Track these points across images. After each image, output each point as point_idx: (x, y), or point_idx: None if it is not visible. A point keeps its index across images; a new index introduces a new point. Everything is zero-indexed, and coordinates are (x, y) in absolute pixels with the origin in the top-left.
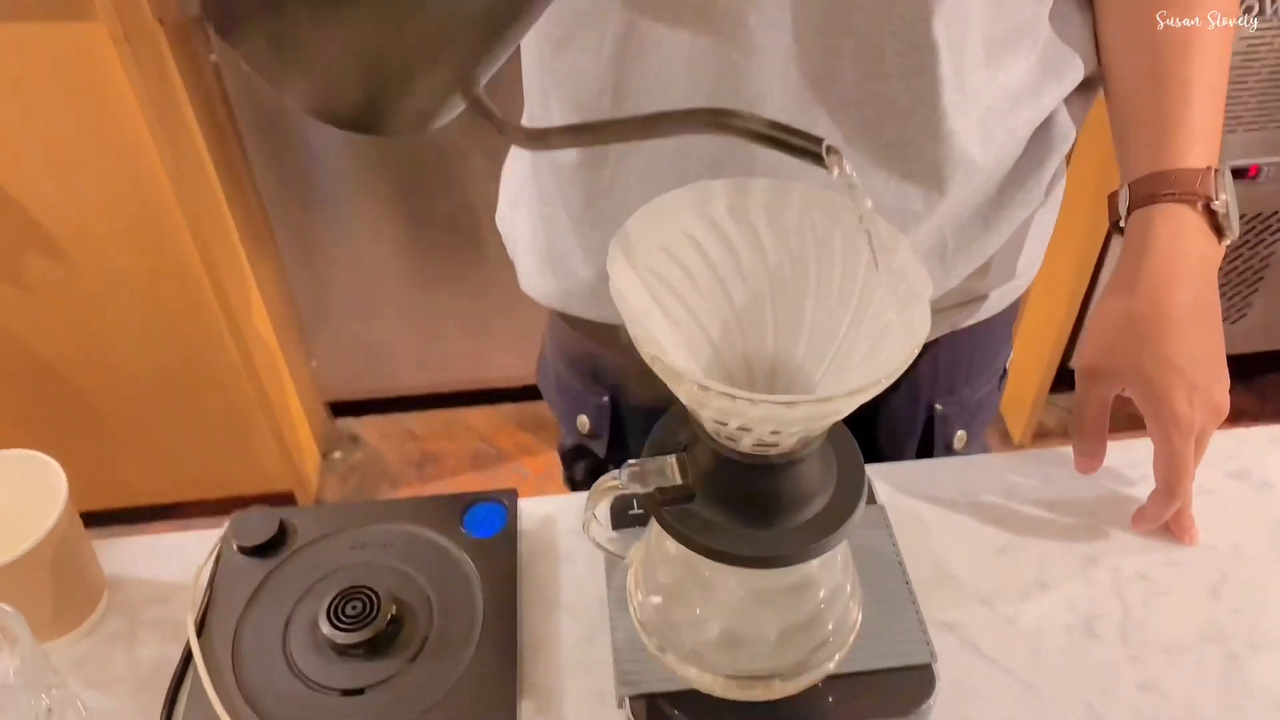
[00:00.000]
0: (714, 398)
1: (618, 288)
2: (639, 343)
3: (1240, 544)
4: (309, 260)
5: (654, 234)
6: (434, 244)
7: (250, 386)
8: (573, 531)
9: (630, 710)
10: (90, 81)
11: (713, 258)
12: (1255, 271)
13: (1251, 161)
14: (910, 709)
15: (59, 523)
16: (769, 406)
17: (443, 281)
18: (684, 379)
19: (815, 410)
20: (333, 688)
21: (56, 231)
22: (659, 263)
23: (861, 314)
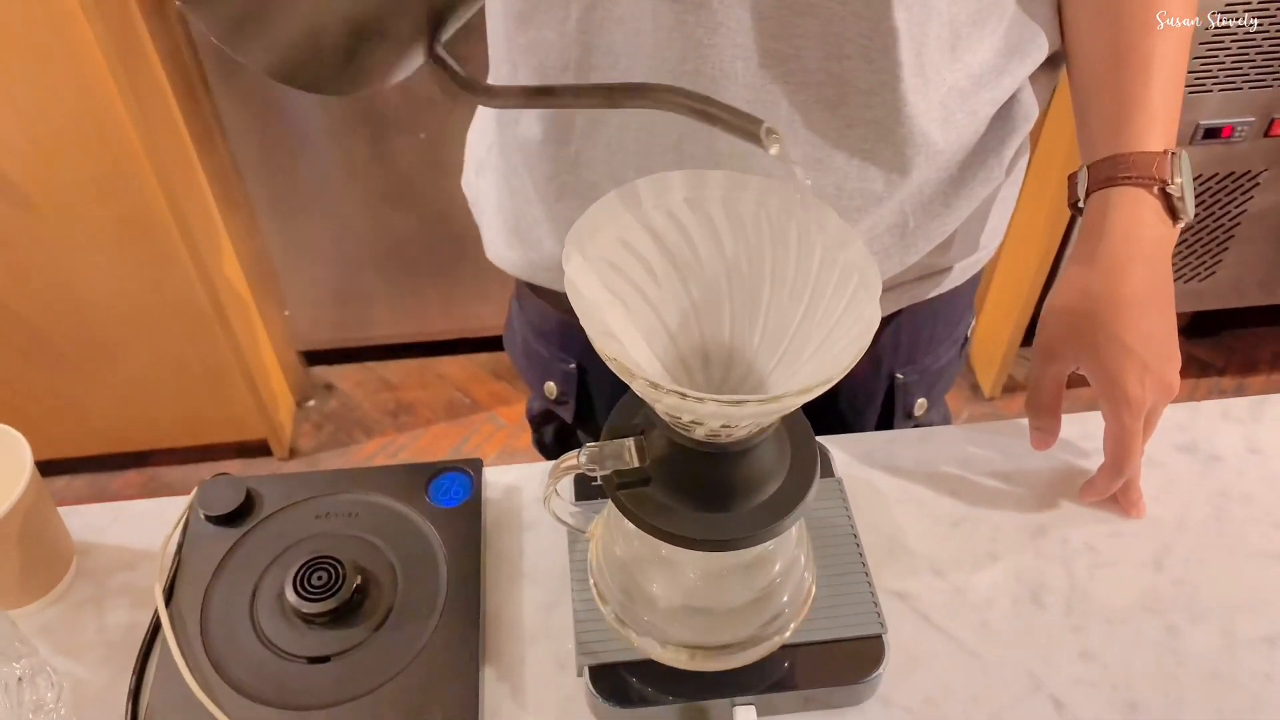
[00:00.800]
0: (665, 395)
1: (572, 282)
2: (594, 340)
3: (1185, 516)
4: (280, 210)
5: (611, 226)
6: (406, 193)
7: (222, 335)
8: (537, 500)
9: (590, 679)
10: (53, 31)
11: (670, 249)
12: (1226, 230)
13: (1225, 122)
14: (860, 678)
15: (24, 494)
16: (718, 405)
17: (416, 231)
18: (635, 377)
19: (763, 409)
20: (299, 655)
21: (23, 181)
22: (617, 255)
23: (815, 306)
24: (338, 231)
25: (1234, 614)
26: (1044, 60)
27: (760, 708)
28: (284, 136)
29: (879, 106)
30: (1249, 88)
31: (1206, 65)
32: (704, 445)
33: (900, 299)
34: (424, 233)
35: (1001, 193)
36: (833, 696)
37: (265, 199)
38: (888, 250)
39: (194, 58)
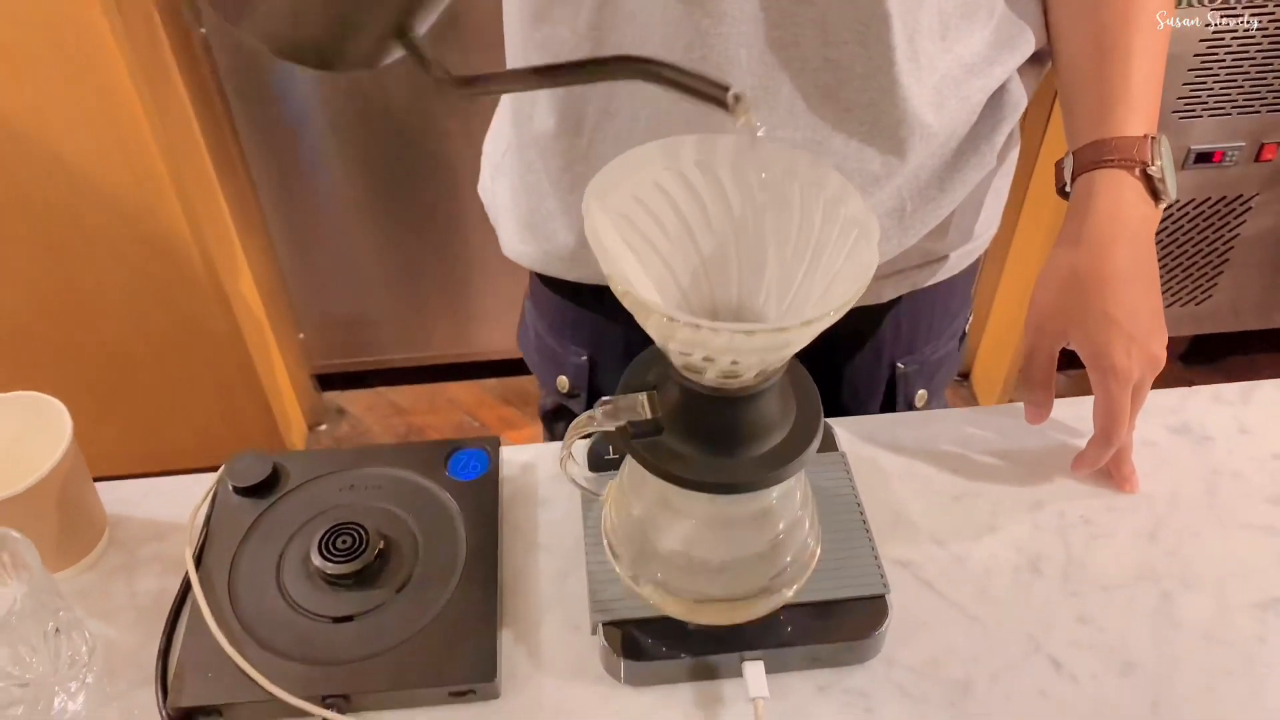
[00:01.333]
0: (680, 329)
1: (594, 229)
2: (612, 280)
3: (1178, 493)
4: (295, 234)
5: (626, 183)
6: (417, 221)
7: (237, 357)
8: (551, 478)
9: (604, 635)
10: (82, 52)
11: (681, 208)
12: (1220, 254)
13: (1216, 146)
14: (864, 634)
15: (64, 458)
16: (730, 335)
17: (426, 258)
18: (653, 311)
19: (772, 340)
20: (324, 615)
21: (48, 201)
22: (632, 210)
23: (818, 260)
24: (350, 256)
25: (1225, 582)
26: (1031, 55)
27: (768, 664)
28: (300, 163)
29: (874, 90)
30: (1237, 113)
31: (1195, 91)
32: (714, 392)
33: (901, 285)
34: (434, 259)
35: (994, 184)
36: (838, 654)
37: (281, 223)
38: (887, 233)
39: (217, 85)
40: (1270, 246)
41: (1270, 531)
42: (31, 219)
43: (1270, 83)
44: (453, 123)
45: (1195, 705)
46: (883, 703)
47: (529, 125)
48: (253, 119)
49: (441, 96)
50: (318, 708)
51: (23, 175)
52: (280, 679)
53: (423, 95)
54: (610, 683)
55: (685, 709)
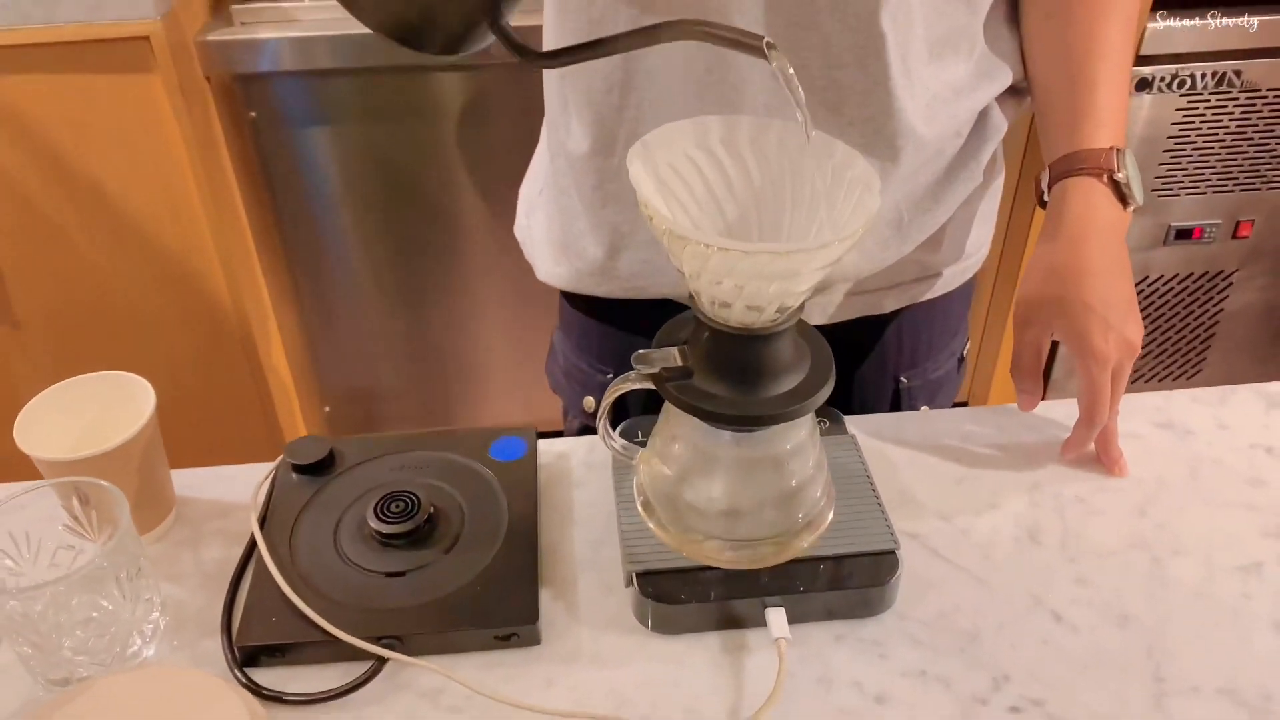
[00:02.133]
0: (714, 255)
1: (637, 176)
2: (654, 220)
3: (1164, 476)
4: (324, 309)
5: (663, 153)
6: (439, 300)
7: (267, 428)
8: (584, 464)
9: (636, 584)
10: (143, 128)
11: (709, 179)
12: (1207, 329)
13: (1195, 224)
14: (878, 583)
15: (147, 425)
16: (761, 256)
17: (446, 335)
18: (690, 240)
19: (795, 262)
20: (378, 571)
21: (98, 265)
22: (667, 176)
23: (829, 217)
24: (373, 332)
25: (1212, 550)
26: (1010, 88)
27: (789, 614)
28: (330, 241)
29: (873, 105)
30: (1212, 192)
31: (1171, 170)
32: (738, 330)
33: (900, 298)
34: (454, 336)
35: (981, 207)
36: (853, 604)
37: (311, 298)
38: (886, 241)
39: (261, 164)
40: (1254, 321)
41: (1251, 508)
42: (79, 285)
43: (1240, 163)
44: (476, 208)
45: (1187, 651)
46: (895, 649)
47: (564, 150)
48: (291, 196)
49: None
50: (373, 646)
51: (80, 240)
52: (338, 622)
53: (449, 180)
54: (643, 632)
55: (713, 654)
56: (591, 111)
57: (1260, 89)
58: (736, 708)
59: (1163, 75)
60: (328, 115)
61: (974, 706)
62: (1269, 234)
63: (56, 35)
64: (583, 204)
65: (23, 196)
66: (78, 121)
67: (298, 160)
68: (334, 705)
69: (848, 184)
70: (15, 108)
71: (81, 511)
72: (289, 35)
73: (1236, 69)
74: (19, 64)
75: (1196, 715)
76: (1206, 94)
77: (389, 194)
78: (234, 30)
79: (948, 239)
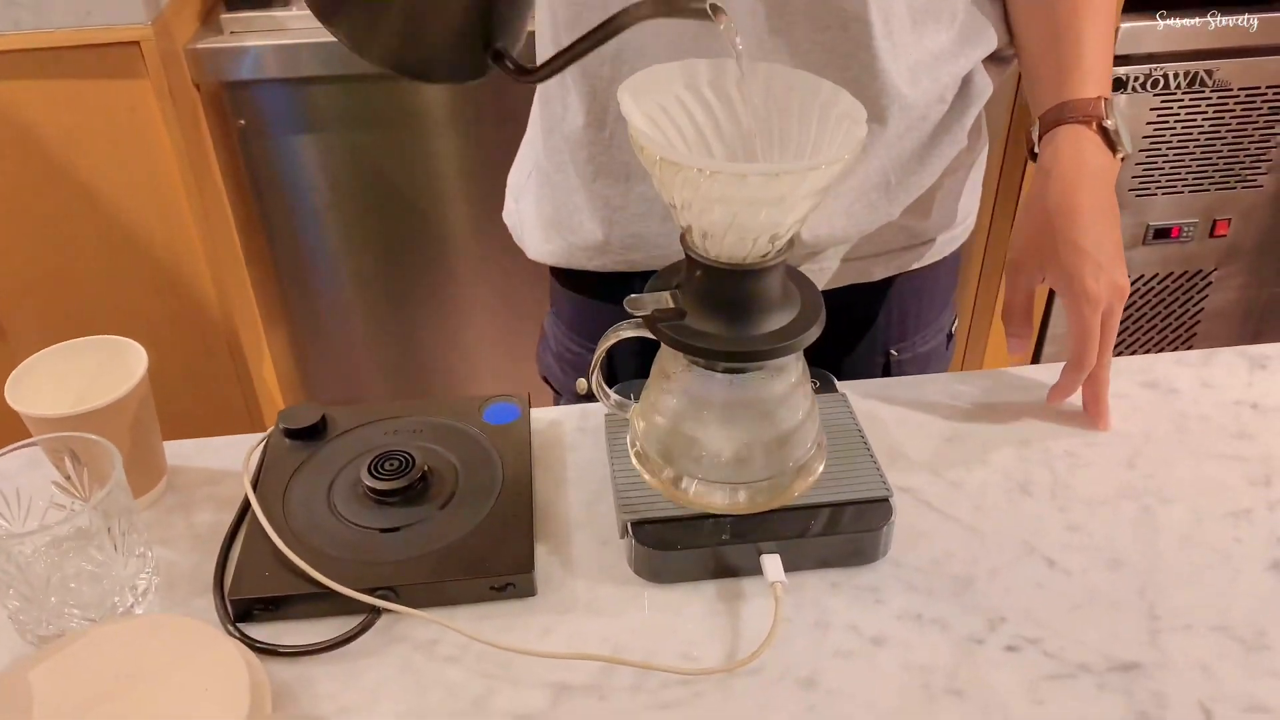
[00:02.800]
0: (706, 179)
1: (628, 109)
2: (646, 150)
3: (1151, 431)
4: (312, 320)
5: (653, 93)
6: (430, 307)
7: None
8: (578, 429)
9: (631, 533)
10: (135, 136)
11: (697, 120)
12: (1188, 328)
13: (1172, 223)
14: (872, 528)
15: (140, 384)
16: (752, 179)
17: (435, 346)
18: (683, 166)
19: (784, 186)
20: (372, 527)
21: (88, 275)
22: (658, 116)
23: (816, 153)
24: (362, 339)
25: (1200, 498)
26: (994, 50)
27: (784, 561)
28: (318, 250)
29: (856, 67)
30: (1189, 191)
31: (1148, 170)
32: (729, 266)
33: (889, 265)
34: (443, 346)
35: (971, 175)
36: (847, 551)
37: (300, 309)
38: (874, 204)
39: (249, 170)
40: (1234, 320)
41: (1237, 459)
42: (67, 295)
43: (1215, 162)
44: (463, 214)
45: (1180, 592)
46: (891, 595)
47: (560, 127)
48: (278, 205)
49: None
50: (367, 597)
51: (67, 246)
52: (332, 575)
53: (437, 186)
54: (639, 583)
55: (709, 602)
56: (586, 84)
57: (1232, 88)
58: (734, 651)
59: (1136, 75)
60: (315, 122)
61: (971, 646)
62: (1245, 233)
63: (48, 40)
64: (578, 178)
65: (11, 202)
66: (68, 127)
67: (286, 167)
68: (329, 657)
69: (835, 120)
70: (5, 112)
71: (74, 470)
72: (277, 43)
73: (1208, 69)
74: (9, 69)
75: (1191, 650)
76: (1180, 94)
77: (377, 201)
78: (223, 39)
79: (935, 205)
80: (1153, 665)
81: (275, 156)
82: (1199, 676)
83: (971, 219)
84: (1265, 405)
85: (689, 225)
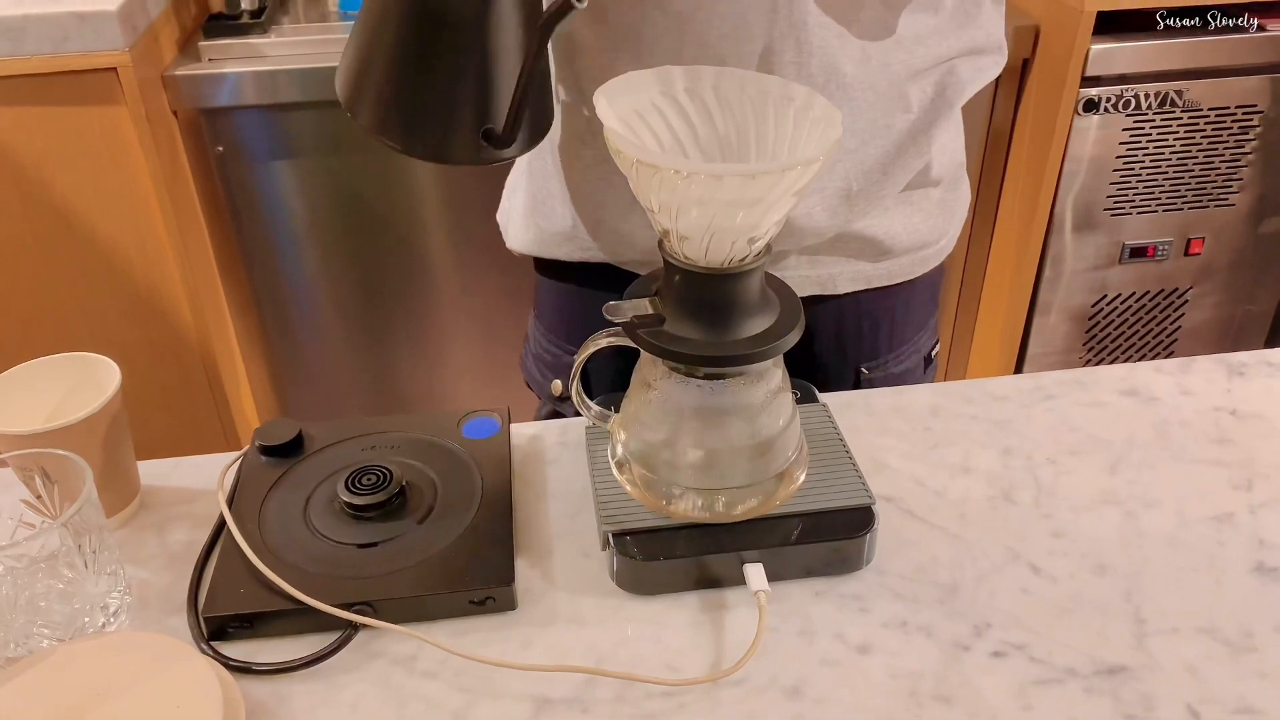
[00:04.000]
0: (683, 180)
1: (603, 113)
2: (621, 145)
3: (1132, 438)
4: (290, 345)
5: (629, 99)
6: (409, 334)
7: None
8: (558, 444)
9: (613, 544)
10: (111, 159)
11: (673, 126)
12: (1165, 346)
13: (1148, 242)
14: (855, 535)
15: (112, 399)
16: (730, 180)
17: (415, 368)
18: (661, 168)
19: (761, 187)
20: (349, 543)
21: (64, 300)
22: (633, 122)
23: (793, 156)
24: (340, 366)
25: (1183, 502)
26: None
27: (767, 571)
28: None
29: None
30: (1163, 210)
31: (1122, 190)
32: (707, 270)
33: (856, 279)
34: (424, 369)
35: (941, 195)
36: (831, 560)
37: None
38: (834, 210)
39: (227, 197)
40: (1212, 338)
41: (1219, 464)
42: (50, 315)
43: (1188, 181)
44: (442, 240)
45: (1166, 595)
46: (876, 603)
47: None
48: (256, 232)
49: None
50: (343, 612)
51: (44, 272)
52: (308, 591)
53: (415, 212)
54: (621, 595)
55: (692, 613)
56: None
57: (1202, 108)
58: (718, 662)
59: (1108, 96)
60: (293, 148)
61: (957, 653)
62: (1219, 252)
63: (23, 68)
64: (554, 161)
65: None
66: (44, 153)
67: (263, 193)
68: (305, 675)
69: (810, 124)
70: None
71: (44, 489)
72: (254, 69)
73: (1178, 89)
74: None
75: (1179, 652)
76: (1151, 114)
77: (354, 225)
78: (201, 65)
79: (902, 220)
80: (1140, 668)
81: (253, 182)
82: (1187, 679)
83: (944, 243)
84: (1244, 411)
85: (666, 229)
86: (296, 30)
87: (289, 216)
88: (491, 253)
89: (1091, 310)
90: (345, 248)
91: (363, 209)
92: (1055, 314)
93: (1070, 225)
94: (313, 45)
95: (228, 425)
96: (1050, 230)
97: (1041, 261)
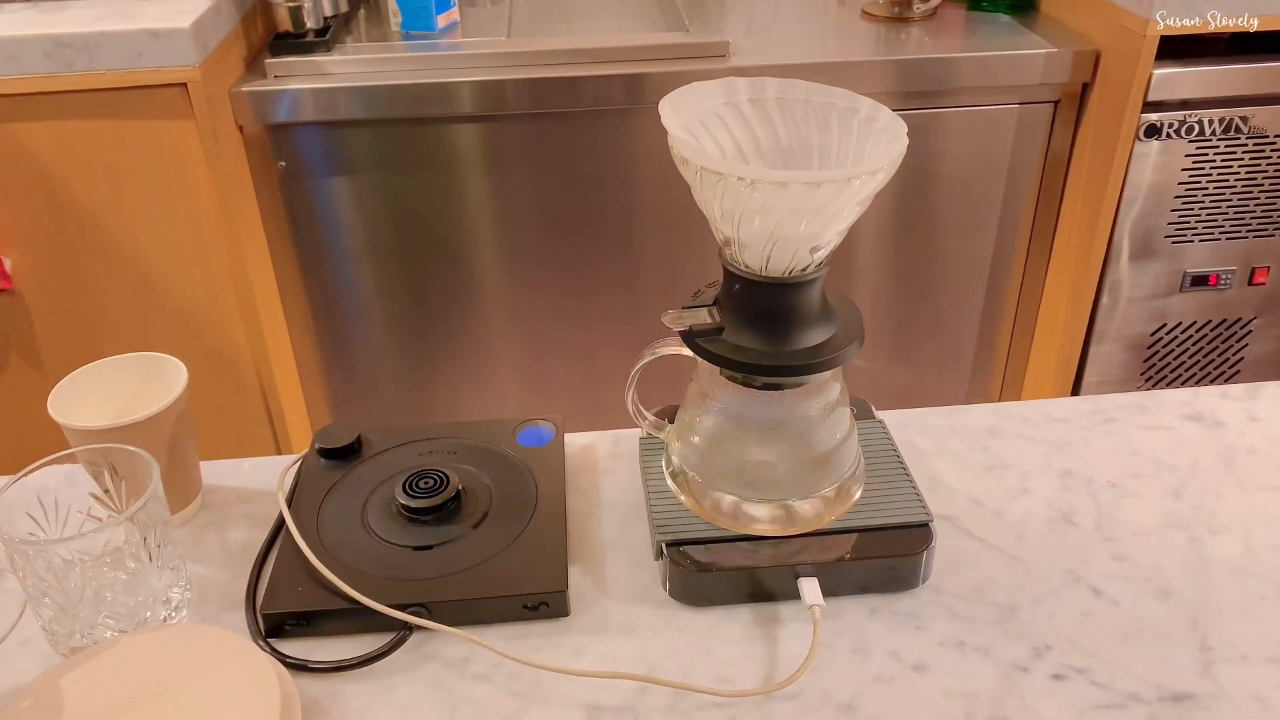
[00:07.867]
0: (747, 188)
1: (667, 120)
2: (685, 153)
3: (1197, 463)
4: (348, 361)
5: (693, 109)
6: (465, 352)
7: None
8: (610, 455)
9: (666, 554)
10: (176, 173)
11: (736, 136)
12: (1227, 378)
13: (1210, 270)
14: (912, 552)
15: (179, 398)
16: (794, 188)
17: (471, 388)
18: (724, 175)
19: (825, 195)
20: (405, 545)
21: (125, 310)
22: (697, 132)
23: (858, 166)
24: (396, 382)
25: (1250, 529)
26: None
27: (823, 586)
28: (356, 292)
29: None
30: (1226, 239)
31: (1184, 216)
32: (768, 280)
33: None
34: (476, 388)
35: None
36: (887, 577)
37: (334, 346)
38: None
39: (288, 212)
40: (1275, 369)
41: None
42: (112, 330)
43: (1253, 209)
44: (498, 259)
45: (1232, 622)
46: (932, 621)
47: None
48: (315, 247)
49: (494, 229)
50: (398, 613)
51: (108, 281)
52: (364, 591)
53: (473, 229)
54: (674, 605)
55: (745, 626)
56: None
57: (1268, 134)
58: (771, 675)
59: (1171, 122)
60: (352, 165)
61: (1015, 674)
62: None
63: (98, 82)
64: None
65: (54, 238)
66: (114, 165)
67: (323, 209)
68: (359, 674)
69: (875, 135)
70: (52, 152)
71: (112, 484)
72: (318, 86)
73: (1243, 115)
74: (58, 109)
75: (1247, 681)
76: (1215, 140)
77: (411, 242)
78: (267, 82)
79: None
80: (1207, 696)
81: (313, 197)
82: (1255, 709)
83: None
84: None
85: (728, 238)
86: (359, 49)
87: (347, 231)
88: (544, 270)
89: (1150, 339)
90: (401, 263)
91: (419, 225)
92: (1112, 342)
93: (1129, 252)
94: (374, 64)
95: (281, 437)
96: (1109, 257)
97: (1099, 289)
